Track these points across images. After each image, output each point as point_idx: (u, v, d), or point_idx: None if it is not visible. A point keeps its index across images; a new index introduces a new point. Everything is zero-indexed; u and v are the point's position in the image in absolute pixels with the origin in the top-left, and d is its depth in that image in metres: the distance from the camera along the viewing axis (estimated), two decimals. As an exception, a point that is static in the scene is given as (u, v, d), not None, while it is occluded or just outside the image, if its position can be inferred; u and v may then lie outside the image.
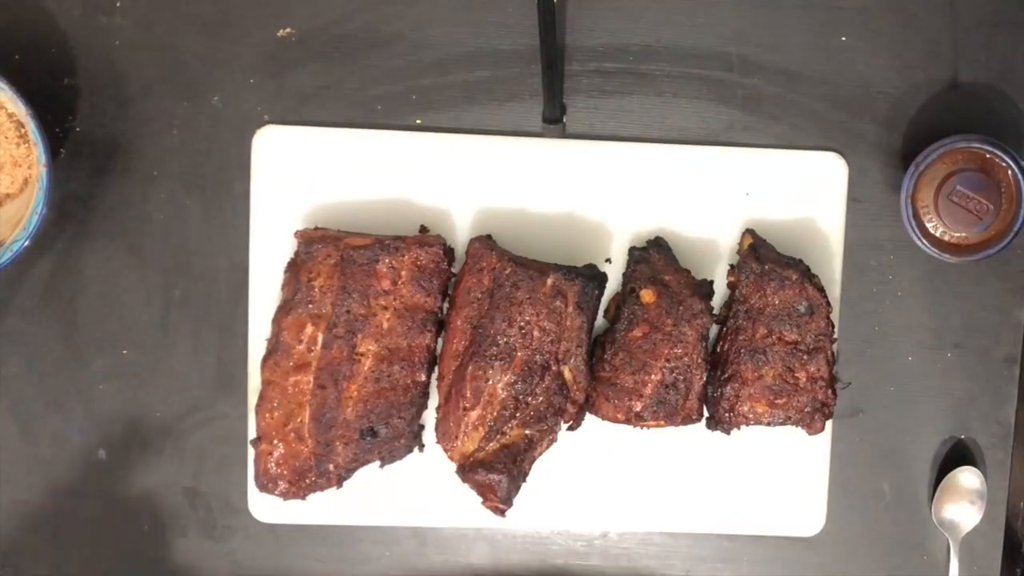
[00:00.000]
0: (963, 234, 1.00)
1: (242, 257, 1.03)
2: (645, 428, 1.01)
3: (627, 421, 1.00)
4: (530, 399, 0.97)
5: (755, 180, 1.04)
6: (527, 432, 0.98)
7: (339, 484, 1.00)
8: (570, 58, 1.04)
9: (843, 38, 1.05)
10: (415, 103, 1.04)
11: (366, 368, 0.98)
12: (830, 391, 1.00)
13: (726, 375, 1.01)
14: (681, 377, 0.99)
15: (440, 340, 1.01)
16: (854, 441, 1.08)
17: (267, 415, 0.98)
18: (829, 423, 1.04)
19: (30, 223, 0.96)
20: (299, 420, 0.98)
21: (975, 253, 1.00)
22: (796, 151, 1.05)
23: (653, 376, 0.99)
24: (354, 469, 1.00)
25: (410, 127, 1.04)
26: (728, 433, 1.02)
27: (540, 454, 1.00)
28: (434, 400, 1.02)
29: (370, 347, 0.98)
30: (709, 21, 1.04)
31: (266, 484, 0.99)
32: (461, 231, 1.03)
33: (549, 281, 0.98)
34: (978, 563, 1.09)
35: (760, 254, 1.00)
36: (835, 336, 1.01)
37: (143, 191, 1.03)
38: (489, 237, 1.01)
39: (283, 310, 0.98)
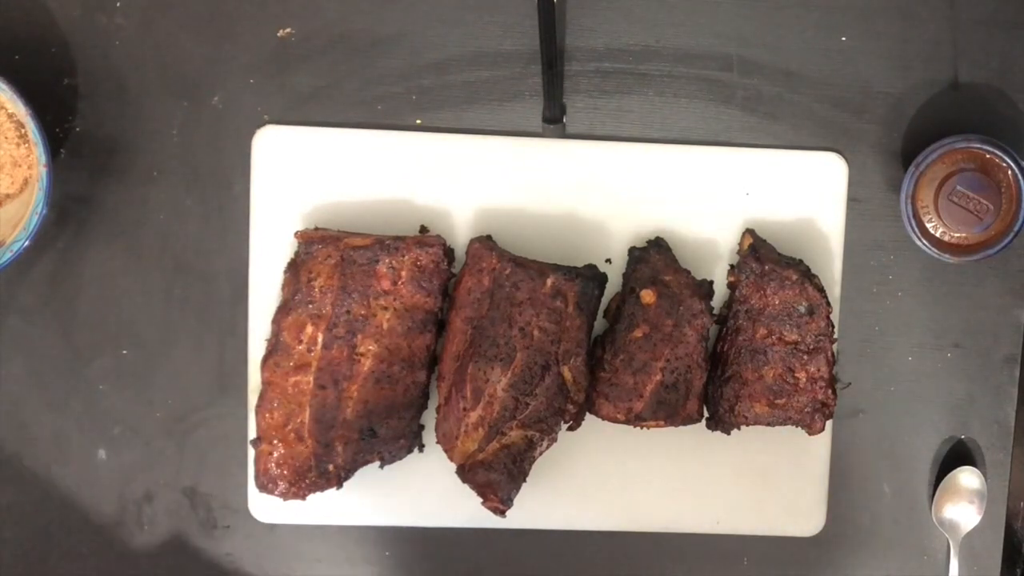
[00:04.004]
0: (963, 234, 1.00)
1: (242, 257, 1.03)
2: (645, 428, 1.01)
3: (627, 421, 1.00)
4: (530, 399, 0.97)
5: (755, 180, 1.04)
6: (527, 432, 0.98)
7: (339, 484, 1.00)
8: (570, 58, 1.04)
9: (843, 38, 1.05)
10: (415, 103, 1.04)
11: (366, 368, 0.98)
12: (830, 391, 1.01)
13: (726, 375, 1.01)
14: (681, 377, 0.99)
15: (440, 340, 1.01)
16: (854, 441, 1.08)
17: (267, 415, 0.98)
18: (829, 423, 1.04)
19: (30, 223, 0.96)
20: (299, 420, 0.98)
21: (975, 253, 1.00)
22: (796, 151, 1.05)
23: (653, 376, 0.99)
24: (354, 469, 1.00)
25: (410, 127, 1.04)
26: (728, 433, 1.02)
27: (540, 454, 1.00)
28: (434, 400, 1.02)
29: (370, 347, 0.98)
30: (709, 21, 1.04)
31: (266, 484, 0.99)
32: (461, 231, 1.03)
33: (549, 281, 0.98)
34: (978, 563, 1.10)
35: (760, 254, 1.00)
36: (835, 336, 1.02)
37: (143, 191, 1.03)
38: (489, 237, 1.01)
39: (283, 310, 0.98)
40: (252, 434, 1.02)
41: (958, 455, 1.09)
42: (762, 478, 1.06)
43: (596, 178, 1.03)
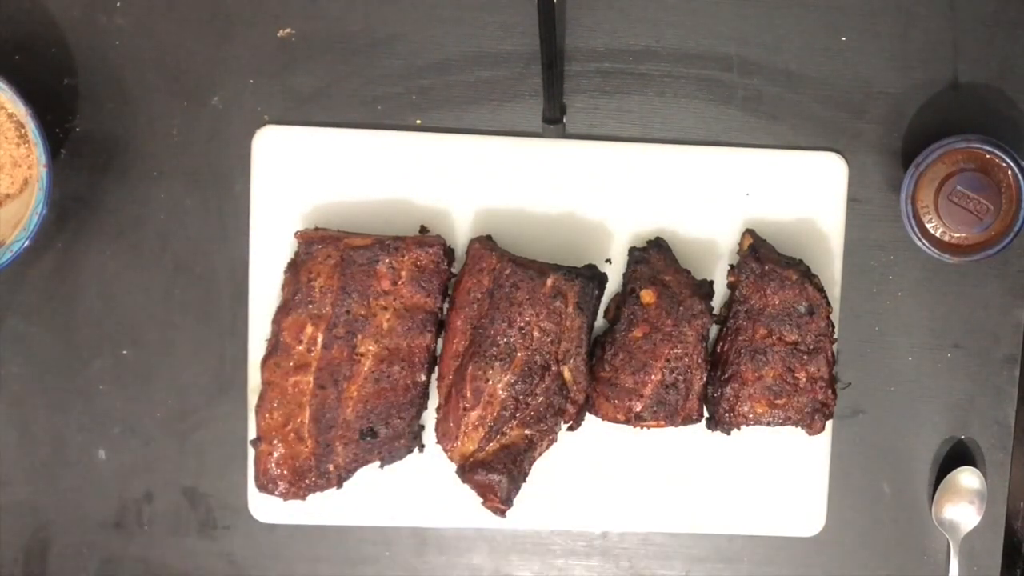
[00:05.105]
0: (963, 234, 1.00)
1: (242, 257, 1.03)
2: (645, 428, 1.01)
3: (627, 421, 1.00)
4: (530, 399, 0.97)
5: (755, 180, 1.04)
6: (527, 432, 0.98)
7: (339, 484, 1.00)
8: (570, 58, 1.04)
9: (843, 38, 1.05)
10: (415, 103, 1.04)
11: (366, 368, 0.98)
12: (830, 391, 1.01)
13: (726, 375, 1.01)
14: (681, 377, 0.99)
15: (440, 340, 1.01)
16: (854, 441, 1.08)
17: (267, 415, 0.98)
18: (829, 423, 1.04)
19: (30, 223, 0.96)
20: (299, 420, 0.98)
21: (975, 253, 1.00)
22: (796, 151, 1.05)
23: (653, 376, 0.99)
24: (354, 469, 1.00)
25: (410, 127, 1.04)
26: (728, 433, 1.02)
27: (540, 454, 1.00)
28: (434, 400, 1.02)
29: (370, 347, 0.98)
30: (709, 21, 1.04)
31: (266, 484, 0.99)
32: (461, 231, 1.03)
33: (549, 281, 0.98)
34: (978, 563, 1.10)
35: (760, 254, 1.00)
36: (835, 336, 1.01)
37: (143, 191, 1.03)
38: (489, 237, 1.01)
39: (283, 310, 0.98)
40: (252, 434, 1.02)
41: (958, 455, 1.09)
42: (762, 478, 1.06)
43: (596, 178, 1.03)
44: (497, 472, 0.97)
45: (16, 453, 1.04)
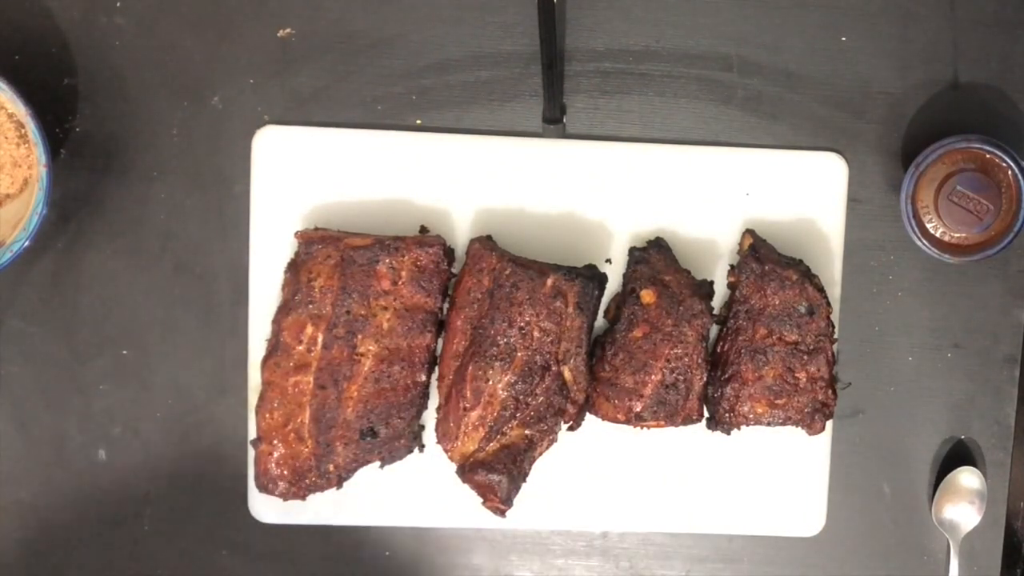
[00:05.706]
0: (963, 234, 1.00)
1: (242, 257, 1.03)
2: (645, 428, 1.01)
3: (627, 421, 1.00)
4: (530, 399, 0.97)
5: (755, 180, 1.04)
6: (527, 432, 0.98)
7: (339, 484, 1.00)
8: (570, 58, 1.04)
9: (843, 38, 1.05)
10: (415, 103, 1.04)
11: (366, 368, 0.98)
12: (830, 391, 1.01)
13: (726, 375, 1.01)
14: (681, 377, 0.99)
15: (440, 340, 1.01)
16: (854, 441, 1.08)
17: (267, 415, 0.98)
18: (829, 423, 1.04)
19: (30, 223, 0.96)
20: (299, 420, 0.98)
21: (975, 253, 1.00)
22: (796, 151, 1.05)
23: (653, 376, 0.99)
24: (354, 469, 1.00)
25: (410, 127, 1.04)
26: (728, 433, 1.02)
27: (540, 454, 1.00)
28: (434, 400, 1.02)
29: (370, 347, 0.98)
30: (709, 21, 1.04)
31: (266, 484, 0.99)
32: (461, 231, 1.03)
33: (549, 281, 0.98)
34: (978, 563, 1.10)
35: (760, 254, 1.00)
36: (835, 336, 1.02)
37: (143, 191, 1.03)
38: (489, 237, 1.01)
39: (283, 310, 0.99)
40: (252, 434, 1.02)
41: (958, 455, 1.09)
42: (762, 478, 1.06)
43: (596, 178, 1.03)
44: (497, 472, 0.97)
45: (16, 453, 1.04)
